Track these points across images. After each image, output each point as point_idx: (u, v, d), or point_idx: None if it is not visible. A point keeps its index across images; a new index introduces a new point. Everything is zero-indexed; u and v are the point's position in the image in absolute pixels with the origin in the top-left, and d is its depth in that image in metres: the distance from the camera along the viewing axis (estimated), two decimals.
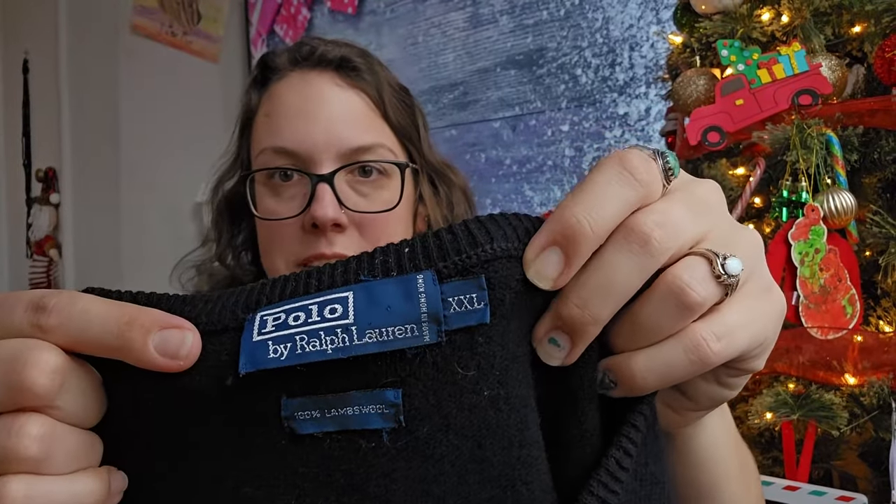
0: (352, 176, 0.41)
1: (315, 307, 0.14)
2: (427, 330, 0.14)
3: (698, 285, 0.15)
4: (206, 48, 1.98)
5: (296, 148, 0.41)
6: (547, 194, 1.48)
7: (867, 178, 0.70)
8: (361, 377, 0.14)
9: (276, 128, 0.42)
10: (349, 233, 0.40)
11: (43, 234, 1.90)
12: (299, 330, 0.14)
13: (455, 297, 0.14)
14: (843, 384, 0.61)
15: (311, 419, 0.15)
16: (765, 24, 0.75)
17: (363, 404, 0.14)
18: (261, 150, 0.42)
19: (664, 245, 0.15)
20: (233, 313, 0.15)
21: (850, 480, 0.66)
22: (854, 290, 0.63)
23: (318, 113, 0.41)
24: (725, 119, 0.72)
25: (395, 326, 0.14)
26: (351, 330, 0.14)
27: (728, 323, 0.16)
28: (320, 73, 0.43)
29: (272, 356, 0.14)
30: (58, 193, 1.93)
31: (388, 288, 0.14)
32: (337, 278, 0.15)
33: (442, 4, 1.63)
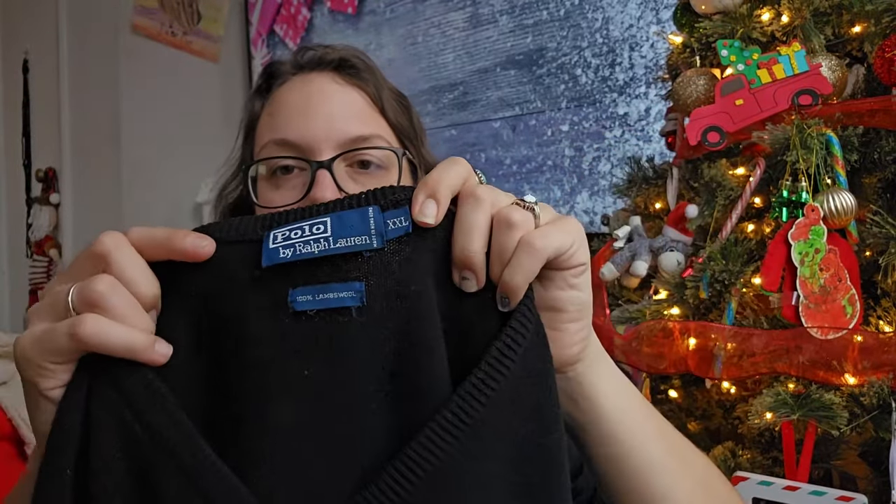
0: (351, 168, 0.43)
1: (307, 226, 0.24)
2: (375, 239, 0.24)
3: (514, 212, 0.25)
4: (207, 48, 1.98)
5: (296, 139, 0.42)
6: (547, 194, 1.48)
7: (867, 179, 0.70)
8: (338, 274, 0.24)
9: (278, 123, 0.43)
10: None
11: (43, 233, 1.91)
12: (297, 240, 0.23)
13: (391, 220, 0.24)
14: (843, 384, 0.61)
15: (305, 301, 0.23)
16: (765, 24, 0.75)
17: (340, 291, 0.23)
18: (263, 144, 0.44)
19: (487, 195, 0.25)
20: (254, 230, 0.24)
21: (850, 480, 0.66)
22: (854, 290, 0.63)
23: (318, 108, 0.43)
24: (725, 119, 0.72)
25: (355, 237, 0.23)
26: (329, 239, 0.23)
27: (543, 230, 0.25)
28: (320, 73, 0.45)
29: (281, 256, 0.23)
30: (58, 193, 1.93)
31: (351, 215, 0.24)
32: (321, 210, 0.25)
33: (442, 4, 1.63)
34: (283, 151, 0.42)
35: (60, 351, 0.22)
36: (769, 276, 0.65)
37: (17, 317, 2.02)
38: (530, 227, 0.25)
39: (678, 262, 0.76)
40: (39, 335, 0.23)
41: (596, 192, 1.40)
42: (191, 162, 1.91)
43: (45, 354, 0.22)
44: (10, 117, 2.09)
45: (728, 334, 0.66)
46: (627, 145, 1.34)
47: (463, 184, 0.25)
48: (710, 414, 0.79)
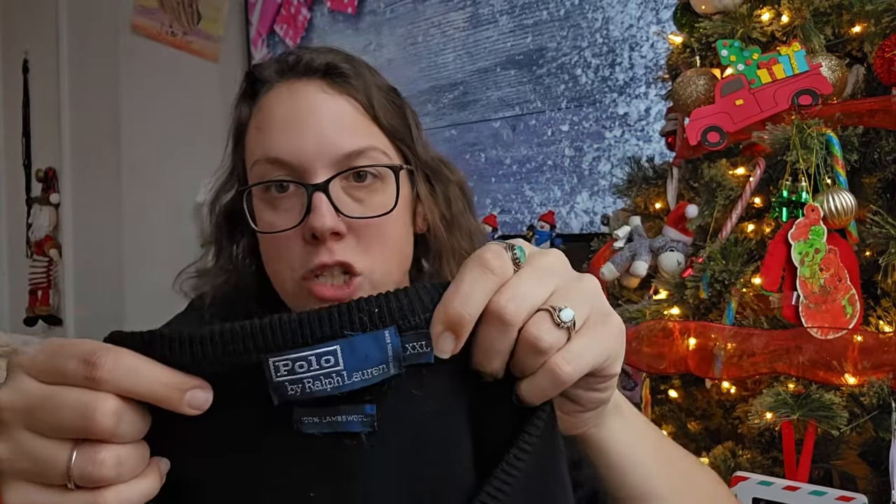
0: (347, 182, 0.42)
1: (314, 358, 0.21)
2: (393, 366, 0.21)
3: (545, 334, 0.23)
4: (206, 48, 1.98)
5: (288, 158, 0.41)
6: (547, 194, 1.48)
7: (867, 179, 0.70)
8: (348, 396, 0.21)
9: (268, 139, 0.42)
10: (348, 240, 0.41)
11: (43, 234, 1.90)
12: (305, 375, 0.21)
13: (410, 343, 0.22)
14: (843, 384, 0.61)
15: (311, 423, 0.22)
16: (765, 24, 0.75)
17: (349, 414, 0.22)
18: (254, 161, 0.43)
19: (517, 315, 0.22)
20: (247, 355, 0.21)
21: (850, 480, 0.66)
22: (854, 290, 0.63)
23: (307, 121, 0.41)
24: (725, 119, 0.72)
25: (372, 368, 0.21)
26: (342, 374, 0.21)
27: (574, 350, 0.23)
28: (308, 81, 0.43)
29: (290, 393, 0.21)
30: (58, 193, 1.93)
31: (365, 341, 0.21)
32: (326, 331, 0.21)
33: (442, 4, 1.63)
34: (276, 170, 0.41)
35: None
36: (769, 276, 0.65)
37: (17, 317, 2.02)
38: (560, 345, 0.23)
39: (678, 262, 0.76)
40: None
41: (596, 192, 1.40)
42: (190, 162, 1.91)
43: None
44: (10, 117, 2.08)
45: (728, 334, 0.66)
46: (627, 145, 1.34)
47: (491, 296, 0.22)
48: (710, 414, 0.78)
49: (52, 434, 0.21)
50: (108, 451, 0.20)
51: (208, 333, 0.21)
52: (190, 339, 0.21)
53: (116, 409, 0.20)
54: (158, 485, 0.22)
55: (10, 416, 0.21)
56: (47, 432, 0.21)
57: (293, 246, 0.41)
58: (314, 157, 0.41)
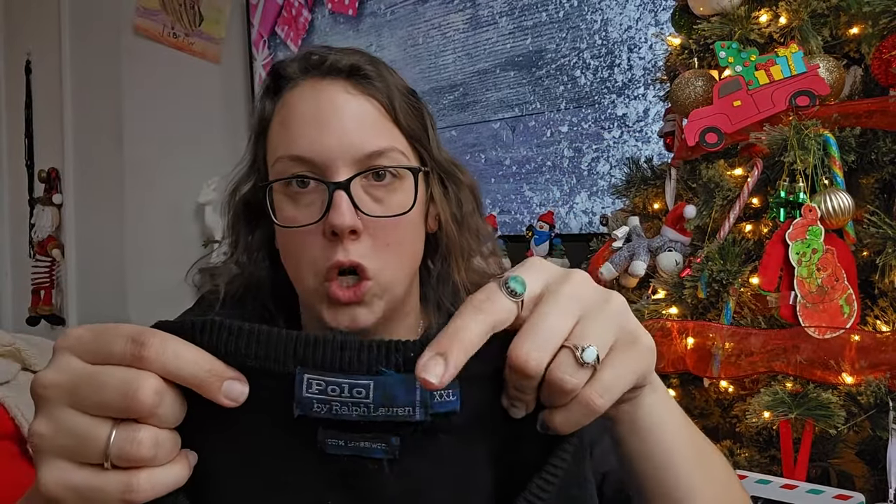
0: (366, 181, 0.42)
1: (346, 386, 0.22)
2: (419, 412, 0.22)
3: (570, 377, 0.23)
4: (208, 49, 1.99)
5: (311, 156, 0.42)
6: (546, 194, 1.48)
7: (864, 179, 0.70)
8: (374, 427, 0.23)
9: (291, 136, 0.43)
10: (363, 239, 0.42)
11: (45, 234, 1.91)
12: (335, 398, 0.22)
13: (439, 392, 0.23)
14: (841, 383, 0.61)
15: (336, 445, 0.23)
16: (762, 25, 0.75)
17: (373, 442, 0.23)
18: (277, 157, 0.43)
19: (539, 365, 0.22)
20: (284, 363, 0.23)
21: (847, 479, 0.66)
22: (851, 290, 0.63)
23: (331, 120, 0.42)
24: (723, 120, 0.73)
25: (398, 408, 0.22)
26: (369, 406, 0.22)
27: (605, 381, 0.23)
28: (332, 81, 0.44)
29: (315, 409, 0.22)
30: (60, 194, 1.94)
31: (396, 382, 0.22)
32: (363, 362, 0.23)
33: (442, 6, 1.63)
34: (298, 167, 0.42)
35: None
36: (767, 275, 0.65)
37: (20, 316, 2.02)
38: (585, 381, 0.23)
39: (676, 262, 0.76)
40: (83, 489, 0.21)
41: (595, 193, 1.40)
42: (192, 162, 1.91)
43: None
44: (13, 118, 2.09)
45: (726, 334, 0.67)
46: (626, 146, 1.35)
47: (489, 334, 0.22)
48: (709, 413, 0.79)
49: (94, 411, 0.21)
50: (146, 431, 0.21)
51: (255, 330, 0.22)
52: (237, 331, 0.22)
53: (158, 389, 0.21)
54: (187, 474, 0.22)
55: (53, 393, 0.22)
56: (89, 409, 0.21)
57: (314, 241, 0.42)
58: (336, 155, 0.41)
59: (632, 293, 0.83)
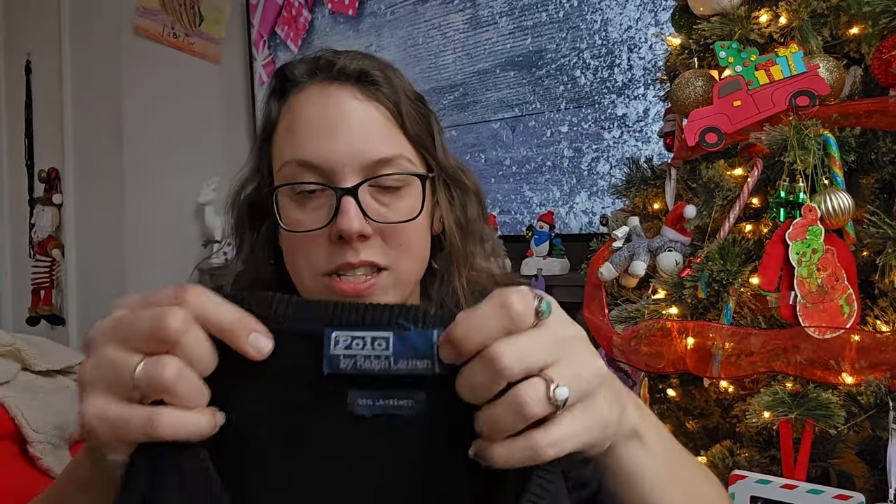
0: (374, 187, 0.43)
1: (369, 339, 0.24)
2: (437, 365, 0.24)
3: (535, 404, 0.22)
4: (208, 49, 1.99)
5: (319, 162, 0.42)
6: (546, 194, 1.48)
7: (864, 179, 0.70)
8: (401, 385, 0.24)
9: (299, 141, 0.43)
10: (373, 241, 0.42)
11: (45, 234, 1.91)
12: (358, 351, 0.24)
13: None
14: (841, 383, 0.61)
15: (365, 405, 0.24)
16: (762, 25, 0.75)
17: (400, 399, 0.24)
18: (284, 162, 0.43)
19: (511, 367, 0.22)
20: (315, 325, 0.24)
21: (847, 479, 0.66)
22: (851, 290, 0.63)
23: (339, 126, 0.42)
24: (723, 120, 0.73)
25: (417, 360, 0.24)
26: (390, 359, 0.24)
27: (557, 435, 0.23)
28: (340, 86, 0.43)
29: (342, 366, 0.24)
30: (60, 194, 1.94)
31: (415, 335, 0.24)
32: (385, 318, 0.24)
33: (442, 6, 1.63)
34: (305, 173, 0.42)
35: (134, 439, 0.23)
36: (767, 275, 0.65)
37: (19, 316, 2.02)
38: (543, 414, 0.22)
39: (676, 262, 0.76)
40: (112, 419, 0.23)
41: (595, 193, 1.40)
42: (192, 162, 1.92)
43: (116, 437, 0.23)
44: (13, 118, 2.10)
45: (726, 334, 0.67)
46: (626, 146, 1.35)
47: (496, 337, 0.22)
48: (709, 413, 0.79)
49: (129, 344, 0.23)
50: (172, 359, 0.23)
51: (285, 297, 0.25)
52: (270, 297, 0.24)
53: (185, 318, 0.23)
54: (211, 427, 0.23)
55: (100, 337, 0.24)
56: (126, 343, 0.23)
57: (319, 245, 0.42)
58: (344, 162, 0.42)
59: (632, 293, 0.83)
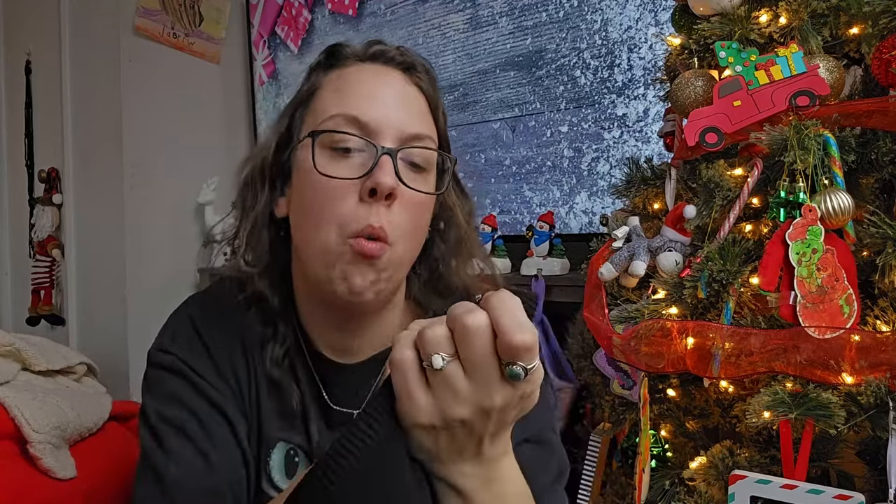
0: (403, 161, 0.46)
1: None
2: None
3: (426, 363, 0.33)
4: (208, 50, 1.99)
5: (366, 120, 0.45)
6: (546, 194, 1.48)
7: (864, 179, 0.70)
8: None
9: (348, 99, 0.46)
10: (395, 208, 0.44)
11: (45, 234, 1.91)
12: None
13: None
14: (841, 383, 0.61)
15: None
16: (762, 25, 0.75)
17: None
18: (330, 115, 0.45)
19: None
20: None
21: (847, 479, 0.66)
22: (851, 290, 0.63)
23: (387, 95, 0.46)
24: (723, 120, 0.73)
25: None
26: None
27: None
28: (391, 69, 0.48)
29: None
30: (60, 194, 1.94)
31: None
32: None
33: (442, 6, 1.63)
34: (350, 127, 0.44)
35: None
36: (767, 275, 0.65)
37: (19, 316, 2.02)
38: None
39: (676, 262, 0.76)
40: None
41: (595, 193, 1.40)
42: (192, 162, 1.91)
43: None
44: (13, 118, 2.09)
45: (726, 334, 0.67)
46: (626, 146, 1.35)
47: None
48: (708, 413, 0.79)
49: None
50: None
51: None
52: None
53: None
54: None
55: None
56: None
57: (347, 200, 0.43)
58: (387, 124, 0.45)
59: (632, 293, 0.83)
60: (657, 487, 0.75)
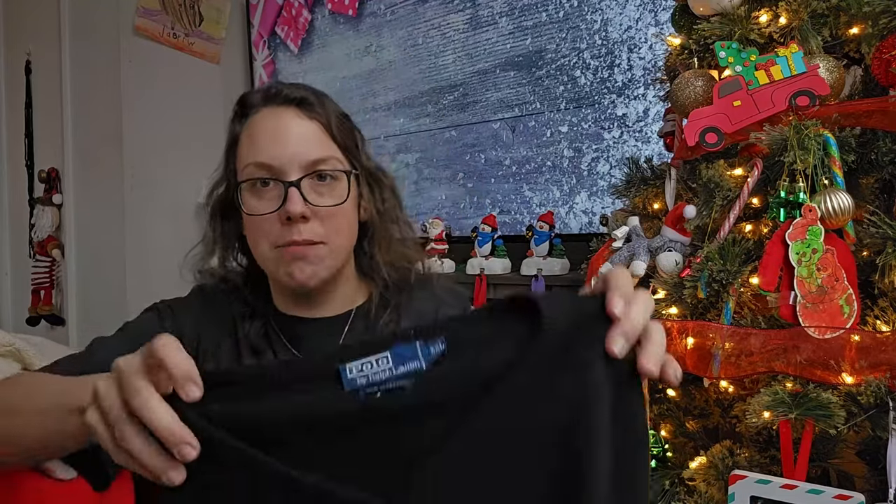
0: (312, 181, 0.56)
1: (374, 361, 0.33)
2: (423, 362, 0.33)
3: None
4: (208, 50, 1.99)
5: (271, 162, 0.56)
6: (546, 194, 1.48)
7: (864, 179, 0.70)
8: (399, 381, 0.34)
9: (256, 148, 0.57)
10: (313, 222, 0.55)
11: (45, 234, 1.91)
12: (369, 372, 0.33)
13: (432, 347, 0.34)
14: (841, 383, 0.61)
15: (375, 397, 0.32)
16: (762, 25, 0.75)
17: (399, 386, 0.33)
18: (246, 164, 0.57)
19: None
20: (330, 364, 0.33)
21: (847, 479, 0.66)
22: (851, 290, 0.63)
23: (287, 136, 0.57)
24: (723, 120, 0.73)
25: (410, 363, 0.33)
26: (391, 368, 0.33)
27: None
28: (286, 108, 0.58)
29: (358, 382, 0.32)
30: (60, 194, 1.94)
31: (402, 349, 0.33)
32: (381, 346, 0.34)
33: (442, 6, 1.63)
34: (261, 171, 0.56)
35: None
36: (767, 275, 0.65)
37: (19, 316, 2.02)
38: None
39: (676, 262, 0.76)
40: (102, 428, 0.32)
41: (595, 193, 1.40)
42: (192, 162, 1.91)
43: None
44: (13, 118, 2.09)
45: (726, 334, 0.67)
46: (626, 146, 1.35)
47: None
48: (708, 413, 0.79)
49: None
50: (140, 442, 0.30)
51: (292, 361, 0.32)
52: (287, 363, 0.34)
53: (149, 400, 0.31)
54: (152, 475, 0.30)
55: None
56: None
57: (272, 225, 0.56)
58: (290, 161, 0.56)
59: None
60: (657, 487, 0.75)
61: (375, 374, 0.32)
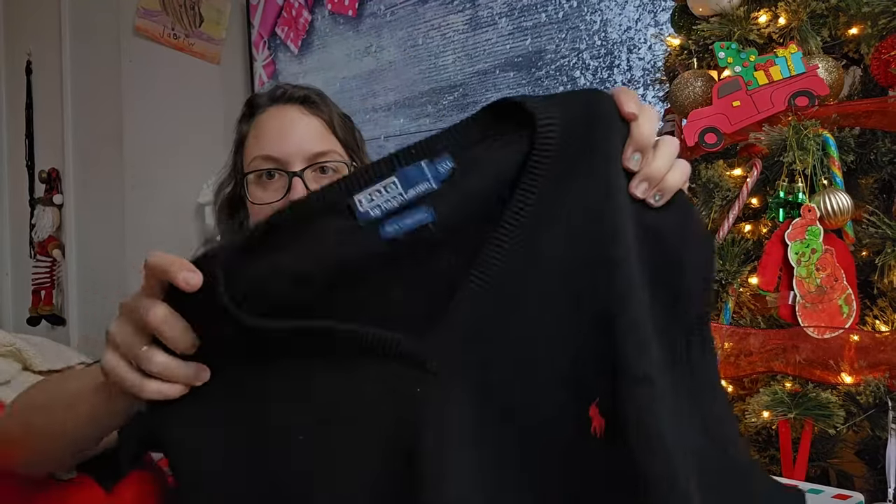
0: (315, 173, 0.60)
1: (382, 188, 0.31)
2: (434, 182, 0.32)
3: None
4: (208, 50, 1.99)
5: (277, 155, 0.60)
6: None
7: (863, 179, 0.70)
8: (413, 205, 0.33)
9: (263, 142, 0.61)
10: None
11: (46, 234, 1.91)
12: (379, 200, 0.31)
13: (439, 166, 0.32)
14: (840, 383, 0.62)
15: (392, 230, 0.31)
16: (762, 26, 0.75)
17: (415, 215, 0.32)
18: (253, 158, 0.61)
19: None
20: (340, 199, 0.32)
21: (846, 479, 0.66)
22: (850, 290, 0.63)
23: (291, 131, 0.60)
24: (722, 120, 0.73)
25: (420, 185, 0.32)
26: (402, 193, 0.31)
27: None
28: (291, 105, 0.62)
29: (372, 214, 0.31)
30: (61, 194, 1.94)
31: (409, 170, 0.32)
32: (384, 169, 0.32)
33: (442, 7, 1.64)
34: (267, 164, 0.60)
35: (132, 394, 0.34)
36: (766, 275, 0.65)
37: (20, 316, 2.02)
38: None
39: None
40: (117, 375, 0.33)
41: None
42: (193, 163, 1.92)
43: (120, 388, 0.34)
44: (14, 118, 2.10)
45: (725, 333, 0.67)
46: None
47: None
48: None
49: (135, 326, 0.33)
50: (160, 356, 0.32)
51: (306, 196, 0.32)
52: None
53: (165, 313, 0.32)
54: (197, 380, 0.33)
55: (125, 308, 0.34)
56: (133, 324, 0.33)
57: None
58: (294, 154, 0.59)
59: None
60: None
61: (387, 201, 0.30)
